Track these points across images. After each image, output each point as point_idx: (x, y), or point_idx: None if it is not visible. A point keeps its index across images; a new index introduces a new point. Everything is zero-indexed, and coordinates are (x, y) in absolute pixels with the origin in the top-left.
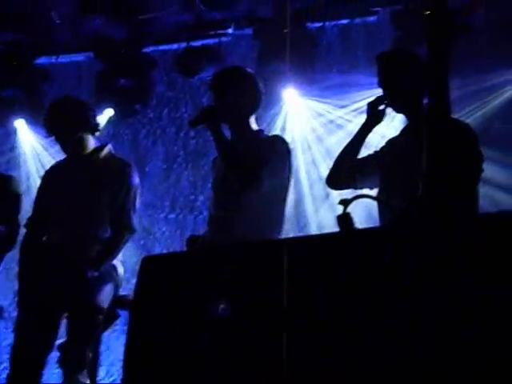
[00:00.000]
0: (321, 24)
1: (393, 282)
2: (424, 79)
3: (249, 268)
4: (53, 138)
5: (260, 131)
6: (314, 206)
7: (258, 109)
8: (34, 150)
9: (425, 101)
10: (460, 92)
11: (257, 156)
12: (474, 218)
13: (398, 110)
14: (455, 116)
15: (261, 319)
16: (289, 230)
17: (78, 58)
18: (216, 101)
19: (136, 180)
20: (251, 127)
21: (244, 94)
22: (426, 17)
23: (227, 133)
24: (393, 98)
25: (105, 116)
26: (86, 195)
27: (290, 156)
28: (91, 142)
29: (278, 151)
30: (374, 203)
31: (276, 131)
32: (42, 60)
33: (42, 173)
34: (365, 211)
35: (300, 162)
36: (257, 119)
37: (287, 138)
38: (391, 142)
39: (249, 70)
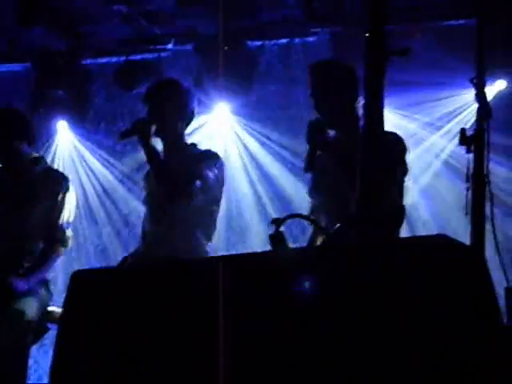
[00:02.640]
0: (261, 43)
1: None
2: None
3: (181, 285)
4: None
5: (193, 145)
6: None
7: (191, 123)
8: None
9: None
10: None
11: (189, 170)
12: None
13: (329, 124)
14: None
15: (193, 337)
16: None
17: (15, 67)
18: (150, 113)
19: (72, 193)
20: (184, 141)
21: (179, 108)
22: (364, 39)
23: (159, 146)
24: (321, 109)
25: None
26: (20, 207)
27: (223, 170)
28: (27, 154)
29: (211, 165)
30: None
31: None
32: None
33: None
34: None
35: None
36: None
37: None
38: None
39: (185, 83)
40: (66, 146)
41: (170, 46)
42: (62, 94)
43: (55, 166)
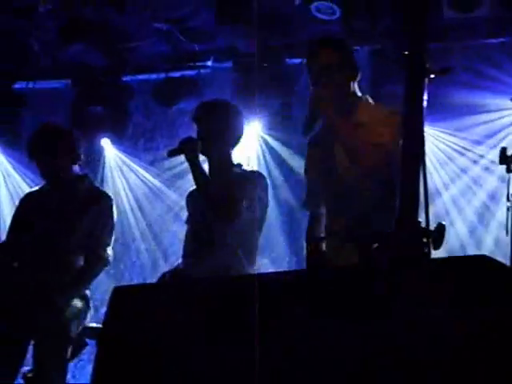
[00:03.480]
0: (299, 60)
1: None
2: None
3: (222, 303)
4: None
5: (239, 165)
6: None
7: (238, 143)
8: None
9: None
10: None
11: (235, 190)
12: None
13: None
14: None
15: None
16: None
17: (56, 84)
18: (199, 132)
19: (114, 212)
20: (231, 160)
21: (229, 128)
22: (403, 57)
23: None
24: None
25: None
26: (64, 224)
27: (267, 191)
28: (72, 171)
29: (257, 185)
30: None
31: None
32: (18, 85)
33: None
34: None
35: None
36: None
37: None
38: None
39: (234, 105)
40: (112, 163)
41: (209, 62)
42: (101, 110)
43: (105, 184)
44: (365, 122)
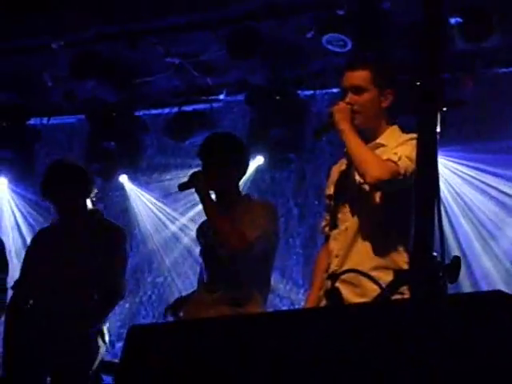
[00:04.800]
0: (312, 92)
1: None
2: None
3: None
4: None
5: (248, 196)
6: None
7: (244, 174)
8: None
9: None
10: None
11: (248, 221)
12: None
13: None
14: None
15: None
16: None
17: (70, 119)
18: (204, 167)
19: (128, 246)
20: (239, 192)
21: (233, 161)
22: (417, 88)
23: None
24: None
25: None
26: (77, 260)
27: (278, 221)
28: (85, 206)
29: (268, 215)
30: None
31: None
32: (33, 121)
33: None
34: None
35: None
36: None
37: None
38: None
39: (237, 136)
40: (132, 198)
41: (221, 96)
42: (115, 145)
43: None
44: (384, 143)
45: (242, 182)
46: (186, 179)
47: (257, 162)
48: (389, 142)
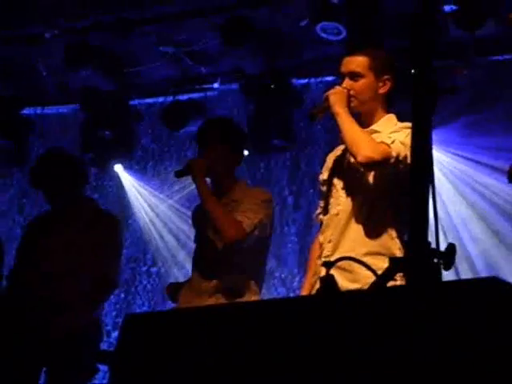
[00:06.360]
0: (306, 81)
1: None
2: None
3: (236, 331)
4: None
5: (244, 183)
6: None
7: (241, 161)
8: None
9: None
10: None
11: (245, 208)
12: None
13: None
14: None
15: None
16: None
17: (64, 109)
18: (201, 152)
19: (122, 235)
20: (234, 179)
21: (227, 148)
22: (412, 76)
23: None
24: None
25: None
26: (71, 249)
27: (273, 208)
28: (78, 195)
29: (265, 203)
30: None
31: None
32: (27, 111)
33: None
34: None
35: None
36: None
37: None
38: None
39: (235, 123)
40: (126, 187)
41: (216, 85)
42: (109, 134)
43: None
44: (379, 130)
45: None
46: (182, 167)
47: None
48: (384, 128)
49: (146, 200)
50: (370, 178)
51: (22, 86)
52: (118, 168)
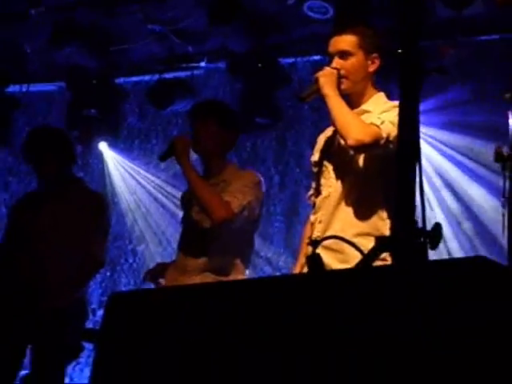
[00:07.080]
0: (293, 60)
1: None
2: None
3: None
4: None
5: (235, 165)
6: None
7: (233, 143)
8: None
9: None
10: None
11: (234, 190)
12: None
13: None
14: None
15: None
16: None
17: (49, 87)
18: (194, 131)
19: (109, 213)
20: (226, 161)
21: (217, 130)
22: (398, 55)
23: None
24: None
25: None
26: (59, 227)
27: (263, 190)
28: (66, 173)
29: (255, 186)
30: None
31: None
32: (11, 88)
33: None
34: None
35: None
36: None
37: None
38: None
39: (227, 105)
40: (111, 166)
41: (202, 63)
42: (95, 112)
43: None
44: (369, 110)
45: None
46: (166, 147)
47: None
48: (374, 108)
49: (132, 178)
50: (361, 159)
51: (7, 64)
52: (103, 146)
